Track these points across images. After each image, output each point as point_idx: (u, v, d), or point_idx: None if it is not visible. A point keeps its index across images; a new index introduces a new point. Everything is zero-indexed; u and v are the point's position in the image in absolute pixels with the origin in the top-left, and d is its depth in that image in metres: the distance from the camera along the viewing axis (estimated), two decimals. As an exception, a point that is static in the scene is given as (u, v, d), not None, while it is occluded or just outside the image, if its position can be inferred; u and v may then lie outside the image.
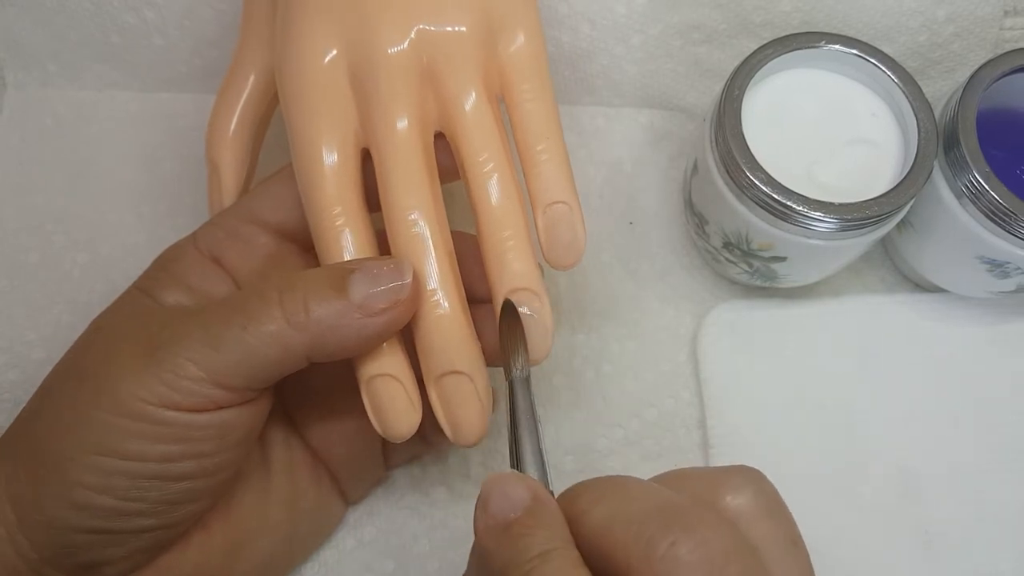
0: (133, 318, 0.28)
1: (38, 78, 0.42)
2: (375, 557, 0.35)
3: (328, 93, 0.29)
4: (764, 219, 0.33)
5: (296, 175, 0.29)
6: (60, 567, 0.27)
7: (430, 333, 0.28)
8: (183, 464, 0.26)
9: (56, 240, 0.40)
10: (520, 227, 0.29)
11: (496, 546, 0.23)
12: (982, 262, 0.35)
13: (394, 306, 0.27)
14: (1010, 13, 0.39)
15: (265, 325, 0.26)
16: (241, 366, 0.26)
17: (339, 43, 0.29)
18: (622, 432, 0.37)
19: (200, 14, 0.40)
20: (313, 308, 0.26)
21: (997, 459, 0.37)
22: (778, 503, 0.24)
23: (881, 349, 0.39)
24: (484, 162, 0.29)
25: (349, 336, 0.27)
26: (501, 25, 0.30)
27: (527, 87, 0.30)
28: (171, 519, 0.27)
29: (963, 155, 0.33)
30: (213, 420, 0.26)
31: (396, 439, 0.28)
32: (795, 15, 0.38)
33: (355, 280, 0.27)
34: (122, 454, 0.26)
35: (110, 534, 0.26)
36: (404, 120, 0.28)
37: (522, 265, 0.28)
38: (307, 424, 0.32)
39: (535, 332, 0.28)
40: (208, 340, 0.26)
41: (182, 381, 0.26)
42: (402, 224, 0.28)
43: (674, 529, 0.21)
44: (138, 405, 0.26)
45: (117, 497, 0.26)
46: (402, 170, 0.28)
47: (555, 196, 0.29)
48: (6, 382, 0.37)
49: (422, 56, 0.29)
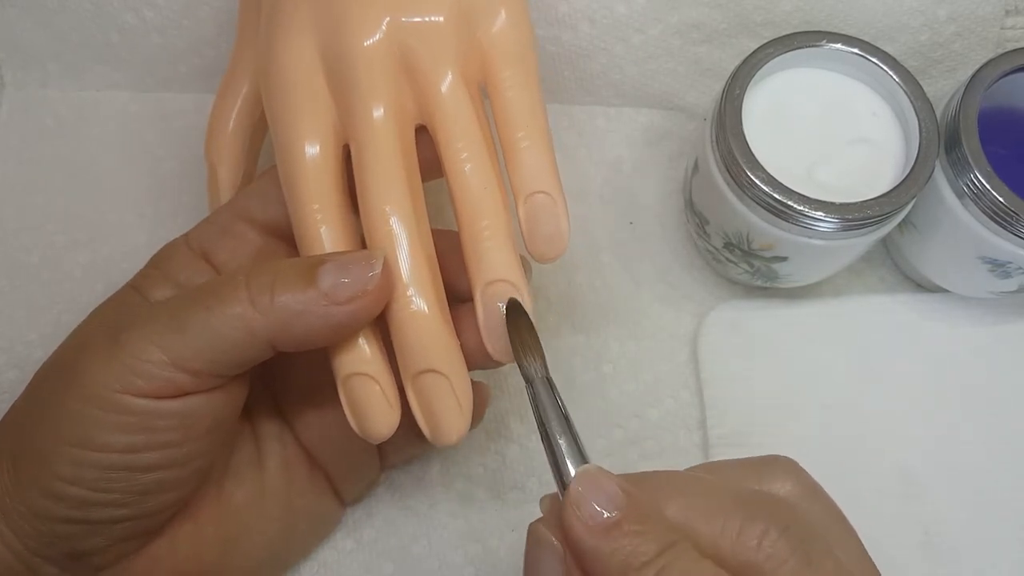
0: (113, 312, 0.29)
1: (38, 78, 0.42)
2: (374, 558, 0.35)
3: (307, 89, 0.29)
4: (765, 219, 0.33)
5: (279, 172, 0.29)
6: (47, 557, 0.27)
7: (405, 330, 0.27)
8: (150, 455, 0.26)
9: (56, 240, 0.40)
10: (499, 216, 0.28)
11: (606, 546, 0.22)
12: (983, 262, 0.35)
13: (361, 295, 0.26)
14: (1011, 12, 0.39)
15: (230, 307, 0.26)
16: (204, 349, 0.26)
17: (316, 39, 0.29)
18: (622, 432, 0.37)
19: (199, 14, 0.40)
20: (279, 292, 0.26)
21: (997, 459, 0.37)
22: (818, 487, 0.25)
23: (882, 349, 0.39)
24: (461, 149, 0.28)
25: (314, 324, 0.26)
26: (481, 10, 0.29)
27: (508, 74, 0.29)
28: (145, 510, 0.27)
29: (964, 155, 0.33)
30: (177, 408, 0.26)
31: (373, 440, 0.28)
32: (796, 14, 0.38)
33: (325, 270, 0.26)
34: (91, 445, 0.26)
35: (87, 524, 0.26)
36: (380, 110, 0.28)
37: (500, 255, 0.28)
38: (300, 422, 0.32)
39: None
40: (172, 324, 0.26)
41: (144, 364, 0.26)
42: (378, 219, 0.27)
43: (758, 521, 0.22)
44: (103, 392, 0.25)
45: (88, 488, 0.26)
46: (378, 163, 0.28)
47: (536, 186, 0.28)
48: (6, 382, 0.37)
49: (398, 47, 0.28)
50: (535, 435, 0.37)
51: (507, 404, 0.37)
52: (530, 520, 0.37)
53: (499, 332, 0.28)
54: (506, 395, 0.38)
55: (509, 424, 0.37)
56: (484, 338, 0.28)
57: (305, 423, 0.32)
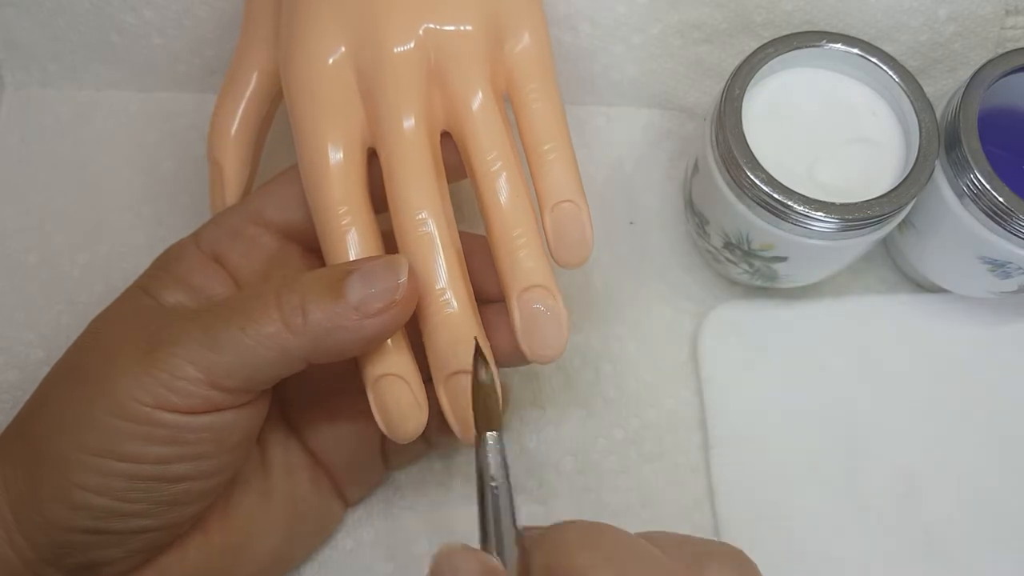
0: (133, 318, 0.28)
1: (38, 78, 0.42)
2: (374, 558, 0.35)
3: (334, 92, 0.29)
4: (765, 219, 0.33)
5: (301, 174, 0.29)
6: (59, 567, 0.27)
7: (439, 332, 0.28)
8: (180, 466, 0.26)
9: (56, 240, 0.40)
10: (530, 225, 0.29)
11: None
12: (983, 262, 0.35)
13: (390, 306, 0.27)
14: (1011, 12, 0.39)
15: (263, 327, 0.26)
16: (239, 368, 0.26)
17: (346, 42, 0.29)
18: (622, 432, 0.37)
19: (199, 14, 0.40)
20: (310, 311, 0.26)
21: (997, 459, 0.37)
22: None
23: (882, 349, 0.39)
24: (492, 161, 0.29)
25: (347, 338, 0.27)
26: (507, 25, 0.30)
27: (533, 87, 0.30)
28: (169, 520, 0.27)
29: (964, 155, 0.33)
30: (210, 422, 0.26)
31: (402, 439, 0.28)
32: (796, 14, 0.38)
33: (352, 282, 0.27)
34: (119, 455, 0.26)
35: (108, 534, 0.26)
36: (411, 119, 0.28)
37: (534, 263, 0.28)
38: (306, 426, 0.32)
39: (549, 329, 0.28)
40: (206, 341, 0.26)
41: (179, 382, 0.26)
42: (410, 223, 0.28)
43: None
44: (135, 406, 0.25)
45: (114, 498, 0.26)
46: (410, 169, 0.28)
47: (563, 195, 0.29)
48: (5, 382, 0.37)
49: (429, 55, 0.29)
50: (535, 435, 0.37)
51: (508, 404, 0.37)
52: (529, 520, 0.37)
53: (538, 334, 0.28)
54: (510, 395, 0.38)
55: (510, 424, 0.37)
56: (520, 340, 0.29)
57: (312, 427, 0.32)
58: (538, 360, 0.29)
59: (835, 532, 0.36)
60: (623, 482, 0.36)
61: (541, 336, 0.28)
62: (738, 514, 0.36)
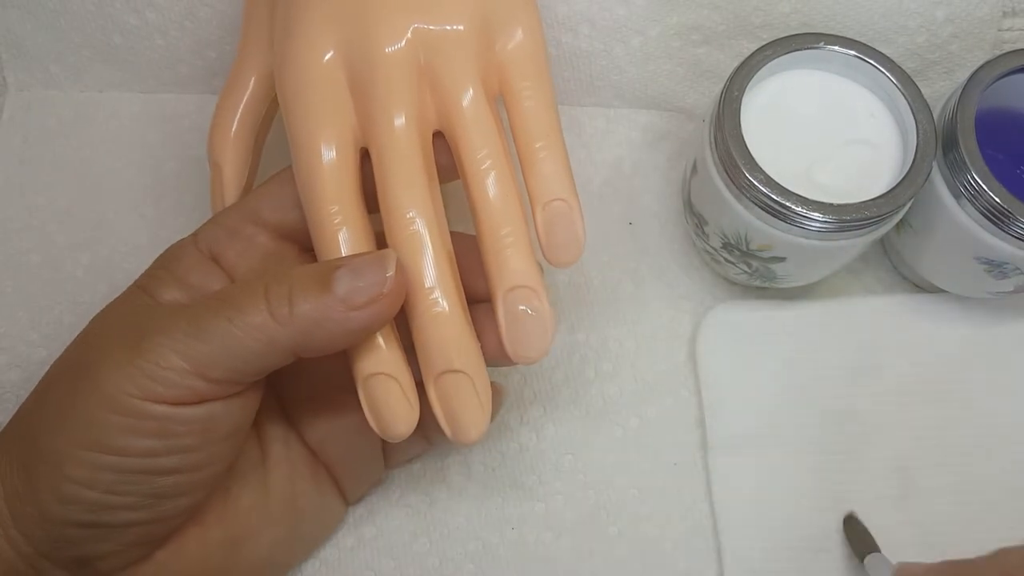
0: (128, 315, 0.28)
1: (40, 79, 0.43)
2: (375, 555, 0.35)
3: (326, 91, 0.29)
4: (763, 220, 0.33)
5: (295, 173, 0.29)
6: (55, 561, 0.27)
7: (428, 331, 0.28)
8: (168, 459, 0.26)
9: (58, 240, 0.40)
10: (519, 224, 0.29)
11: None
12: (980, 263, 0.35)
13: (377, 299, 0.27)
14: (1008, 14, 0.39)
15: (250, 317, 0.26)
16: (225, 358, 0.26)
17: (337, 42, 0.29)
18: (622, 432, 0.37)
19: (201, 15, 0.40)
20: (297, 303, 0.26)
21: (996, 459, 0.37)
22: None
23: (879, 349, 0.39)
24: (482, 159, 0.29)
25: (334, 331, 0.27)
26: (500, 23, 0.30)
27: (526, 85, 0.30)
28: (160, 513, 0.27)
29: (962, 156, 0.33)
30: (197, 414, 0.26)
31: (393, 439, 0.28)
32: (794, 16, 0.39)
33: (340, 275, 0.27)
34: (108, 448, 0.26)
35: (100, 528, 0.26)
36: (402, 118, 0.28)
37: (521, 263, 0.28)
38: (305, 423, 0.32)
39: (533, 330, 0.28)
40: (192, 331, 0.26)
41: (165, 372, 0.26)
42: (399, 222, 0.28)
43: None
44: (122, 398, 0.26)
45: (104, 491, 0.26)
46: (400, 168, 0.28)
47: (554, 194, 0.29)
48: (8, 382, 0.37)
49: (420, 55, 0.29)
50: (535, 433, 0.37)
51: (508, 403, 0.38)
52: (529, 517, 0.37)
53: (521, 335, 0.28)
54: (506, 394, 0.38)
55: (509, 423, 0.37)
56: (504, 341, 0.28)
57: (312, 424, 0.32)
58: (521, 361, 0.29)
59: (834, 532, 0.36)
60: (622, 481, 0.37)
61: (525, 337, 0.28)
62: (736, 513, 0.36)
